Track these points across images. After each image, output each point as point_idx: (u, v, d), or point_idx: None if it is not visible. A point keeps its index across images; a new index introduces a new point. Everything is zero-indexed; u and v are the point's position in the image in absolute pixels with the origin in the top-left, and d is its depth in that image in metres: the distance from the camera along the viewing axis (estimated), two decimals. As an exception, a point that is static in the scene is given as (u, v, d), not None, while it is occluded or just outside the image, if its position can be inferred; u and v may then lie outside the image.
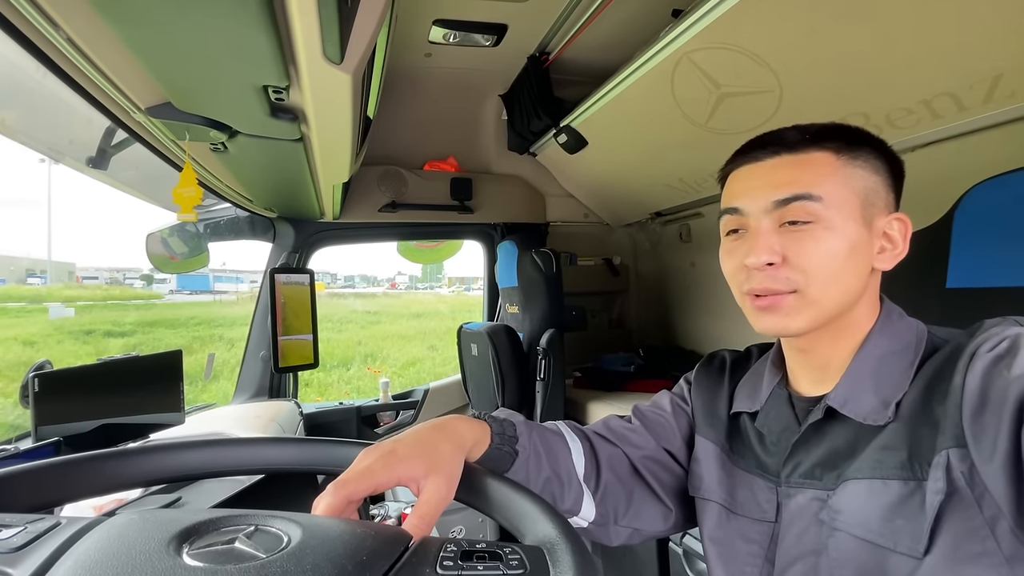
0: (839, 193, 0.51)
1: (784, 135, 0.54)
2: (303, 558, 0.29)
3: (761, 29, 1.01)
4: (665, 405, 0.71)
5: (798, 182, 0.51)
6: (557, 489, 0.60)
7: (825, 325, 0.53)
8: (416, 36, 1.59)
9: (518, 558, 0.32)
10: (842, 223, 0.51)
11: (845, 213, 0.51)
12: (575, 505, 0.62)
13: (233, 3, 0.50)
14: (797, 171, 0.52)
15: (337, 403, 2.13)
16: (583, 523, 0.63)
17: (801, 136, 0.53)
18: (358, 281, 35.51)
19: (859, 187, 0.52)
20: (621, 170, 1.89)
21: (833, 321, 0.53)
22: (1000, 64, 0.85)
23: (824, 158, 0.52)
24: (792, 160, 0.53)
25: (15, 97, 1.02)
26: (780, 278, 0.52)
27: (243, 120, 0.87)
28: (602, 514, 0.63)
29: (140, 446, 0.46)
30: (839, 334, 0.55)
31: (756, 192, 0.54)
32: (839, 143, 0.53)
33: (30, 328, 10.10)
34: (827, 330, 0.54)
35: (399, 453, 0.46)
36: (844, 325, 0.54)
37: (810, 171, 0.52)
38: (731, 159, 0.59)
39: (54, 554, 0.29)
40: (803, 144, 0.53)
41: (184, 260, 1.80)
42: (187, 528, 0.32)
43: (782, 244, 0.52)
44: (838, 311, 0.53)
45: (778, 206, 0.52)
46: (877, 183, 0.53)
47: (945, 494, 0.44)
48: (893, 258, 0.54)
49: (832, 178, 0.51)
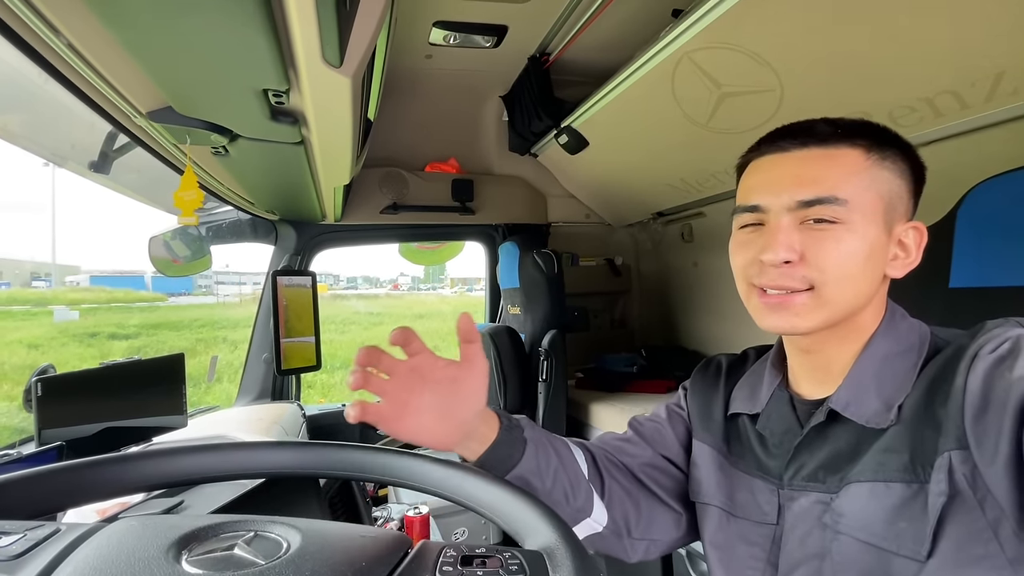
0: (864, 195, 0.50)
1: (815, 126, 0.53)
2: (302, 565, 0.29)
3: (761, 28, 1.01)
4: (661, 414, 0.71)
5: (824, 180, 0.50)
6: (568, 484, 0.59)
7: (832, 327, 0.53)
8: (416, 38, 1.59)
9: (518, 563, 0.32)
10: (864, 226, 0.50)
11: (868, 216, 0.50)
12: (587, 503, 0.61)
13: (233, 7, 0.50)
14: (825, 167, 0.50)
15: (340, 404, 2.13)
16: (598, 527, 0.62)
17: (832, 130, 0.52)
18: (361, 282, 35.56)
19: (884, 190, 0.51)
20: (622, 170, 1.88)
21: (840, 324, 0.53)
22: (1002, 62, 0.84)
23: (854, 155, 0.51)
24: (821, 154, 0.51)
25: (18, 102, 1.03)
26: (796, 276, 0.51)
27: (243, 124, 0.88)
28: (614, 521, 0.63)
29: (140, 451, 0.46)
30: (844, 337, 0.54)
31: (780, 187, 0.52)
32: (869, 141, 0.51)
33: (35, 331, 10.15)
34: (833, 332, 0.53)
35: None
36: (850, 328, 0.54)
37: (837, 169, 0.50)
38: (755, 147, 0.57)
39: (53, 561, 0.29)
40: (834, 138, 0.51)
41: (187, 263, 1.81)
42: (186, 535, 0.32)
43: (802, 242, 0.50)
44: (848, 314, 0.52)
45: (802, 206, 0.50)
46: (901, 188, 0.52)
47: (947, 496, 0.44)
48: (905, 266, 0.53)
49: (859, 178, 0.50)
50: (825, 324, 0.52)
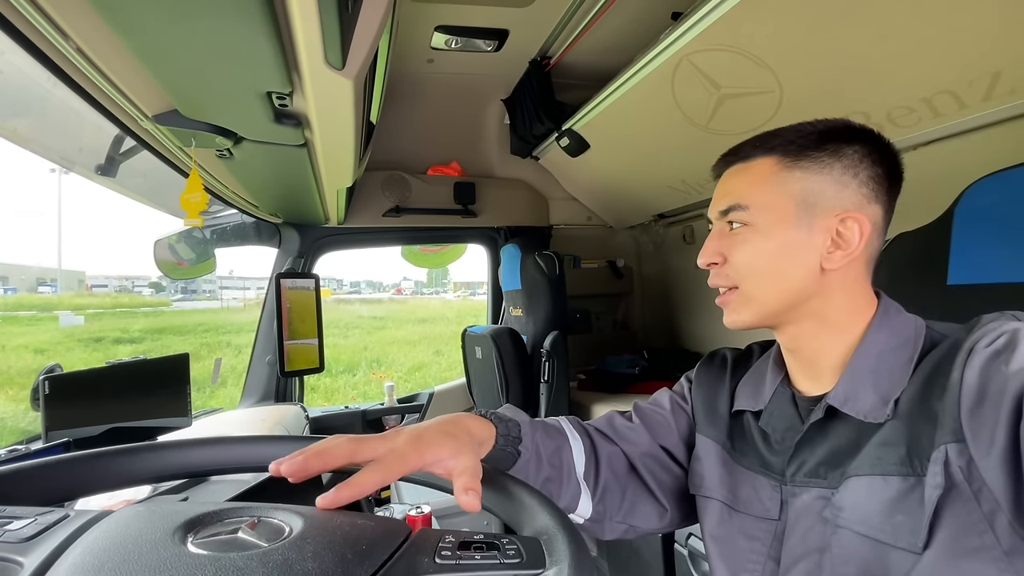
0: (770, 198, 0.55)
1: (742, 148, 0.59)
2: (304, 547, 0.30)
3: (760, 30, 1.02)
4: (664, 403, 0.71)
5: (734, 191, 0.57)
6: (555, 488, 0.61)
7: (792, 321, 0.56)
8: (418, 43, 1.61)
9: (515, 548, 0.32)
10: (770, 226, 0.55)
11: (776, 216, 0.55)
12: (571, 503, 0.63)
13: (238, 11, 0.51)
14: (738, 180, 0.58)
15: (343, 407, 2.14)
16: (579, 519, 0.64)
17: (752, 145, 0.58)
18: (364, 287, 35.64)
19: (794, 190, 0.54)
20: (623, 172, 1.89)
21: (796, 318, 0.56)
22: (999, 61, 0.85)
23: (765, 164, 0.56)
24: (739, 169, 0.59)
25: (28, 107, 1.04)
26: (722, 275, 0.58)
27: (248, 126, 0.89)
28: (599, 512, 0.64)
29: (149, 443, 0.47)
30: (819, 331, 0.55)
31: (713, 202, 0.60)
32: (782, 150, 0.56)
33: (41, 336, 10.21)
34: (800, 327, 0.56)
35: (426, 439, 0.47)
36: (820, 322, 0.55)
37: (746, 179, 0.57)
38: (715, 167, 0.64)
39: (63, 543, 0.30)
40: (753, 153, 0.58)
41: (192, 266, 1.82)
42: (191, 519, 0.32)
43: (722, 245, 0.58)
44: (781, 307, 0.56)
45: (721, 216, 0.58)
46: (823, 184, 0.54)
47: (943, 489, 0.44)
48: (844, 257, 0.54)
49: (764, 185, 0.56)
50: (760, 317, 0.57)
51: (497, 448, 0.56)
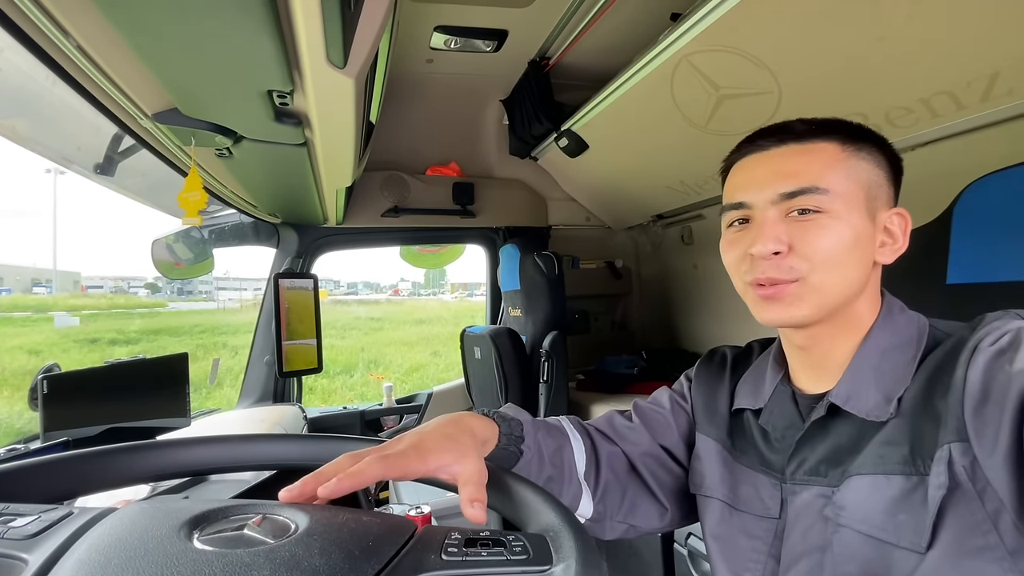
0: (844, 184, 0.52)
1: (791, 125, 0.55)
2: (311, 543, 0.30)
3: (759, 31, 1.02)
4: (664, 402, 0.71)
5: (804, 172, 0.52)
6: (556, 488, 0.61)
7: (827, 319, 0.53)
8: (418, 43, 1.61)
9: (521, 544, 0.32)
10: (847, 213, 0.51)
11: (850, 204, 0.51)
12: (572, 503, 0.63)
13: (240, 9, 0.51)
14: (803, 160, 0.52)
15: (341, 407, 2.13)
16: (580, 519, 0.64)
17: (807, 127, 0.54)
18: (361, 288, 35.57)
19: (863, 179, 0.52)
20: (622, 173, 1.90)
21: (834, 315, 0.53)
22: (997, 62, 0.85)
23: (830, 148, 0.53)
24: (799, 149, 0.53)
25: (27, 105, 1.04)
26: (784, 267, 0.52)
27: (248, 125, 0.89)
28: (599, 511, 0.64)
29: (152, 442, 0.47)
30: (840, 331, 0.55)
31: (762, 183, 0.53)
32: (843, 135, 0.54)
33: (36, 337, 10.16)
34: (828, 326, 0.54)
35: (428, 444, 0.47)
36: (845, 321, 0.54)
37: (816, 161, 0.52)
38: (736, 149, 0.59)
39: (68, 540, 0.30)
40: (809, 134, 0.54)
41: (189, 265, 1.82)
42: (197, 516, 0.32)
43: (788, 233, 0.52)
44: (840, 302, 0.53)
45: (784, 199, 0.52)
46: (880, 177, 0.54)
47: (947, 488, 0.44)
48: (893, 252, 0.54)
49: (837, 168, 0.52)
50: (819, 313, 0.52)
51: (500, 447, 0.56)
